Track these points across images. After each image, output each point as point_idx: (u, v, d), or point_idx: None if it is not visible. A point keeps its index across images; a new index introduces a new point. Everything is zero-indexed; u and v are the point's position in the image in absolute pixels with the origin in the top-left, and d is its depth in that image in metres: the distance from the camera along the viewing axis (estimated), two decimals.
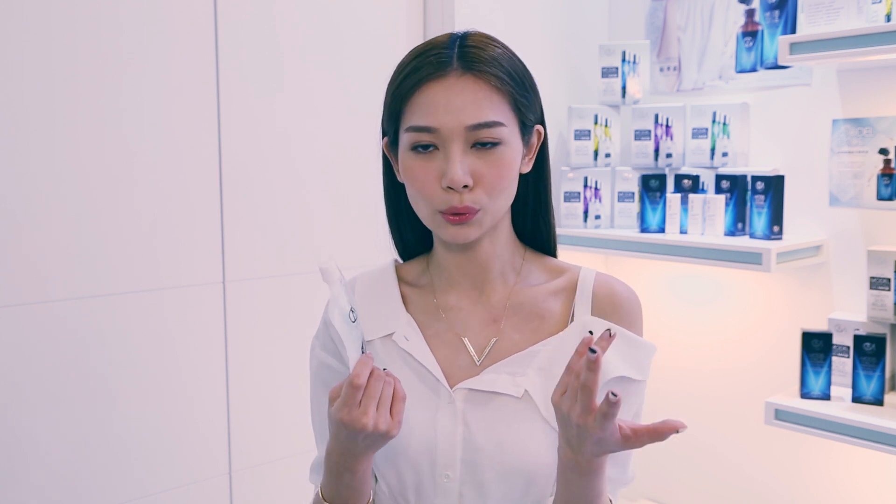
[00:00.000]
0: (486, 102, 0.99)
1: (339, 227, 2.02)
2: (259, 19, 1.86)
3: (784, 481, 2.19)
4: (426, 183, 1.00)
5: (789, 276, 2.14)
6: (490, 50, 1.01)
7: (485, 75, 0.99)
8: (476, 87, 0.99)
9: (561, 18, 2.44)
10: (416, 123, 1.00)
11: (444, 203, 0.99)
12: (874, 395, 1.86)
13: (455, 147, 0.98)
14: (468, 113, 0.98)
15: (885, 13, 1.75)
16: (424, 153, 1.00)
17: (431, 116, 0.98)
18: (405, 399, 0.98)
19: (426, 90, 0.99)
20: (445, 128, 0.98)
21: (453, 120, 0.98)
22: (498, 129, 0.99)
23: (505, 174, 1.01)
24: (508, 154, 1.01)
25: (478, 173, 0.99)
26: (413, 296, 1.13)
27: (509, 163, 1.01)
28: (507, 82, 1.01)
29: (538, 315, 1.08)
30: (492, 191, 1.00)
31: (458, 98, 0.98)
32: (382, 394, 0.96)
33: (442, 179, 0.99)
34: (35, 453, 1.60)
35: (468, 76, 0.99)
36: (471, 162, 0.99)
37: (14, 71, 1.53)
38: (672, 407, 2.38)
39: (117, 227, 1.68)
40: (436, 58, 1.00)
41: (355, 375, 0.94)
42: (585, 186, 2.35)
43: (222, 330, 1.85)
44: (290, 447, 1.96)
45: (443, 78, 0.99)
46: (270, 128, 1.89)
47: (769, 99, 2.17)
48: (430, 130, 0.99)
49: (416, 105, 1.00)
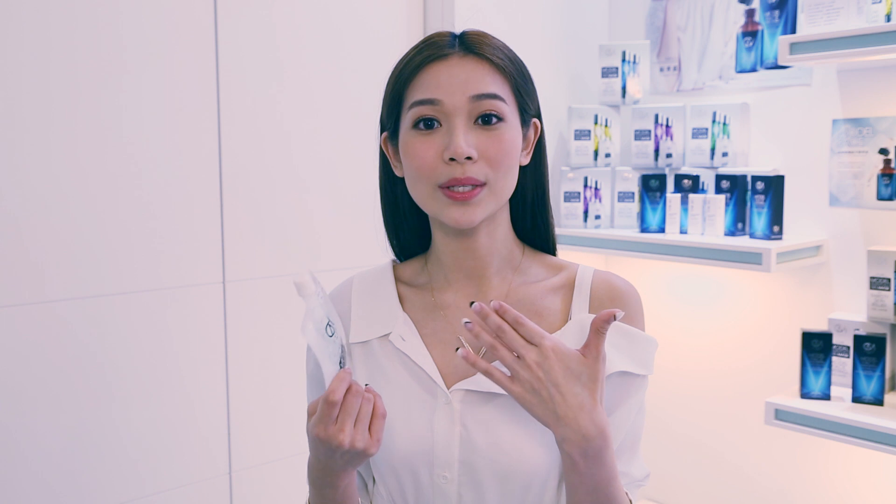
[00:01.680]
0: (488, 77, 1.01)
1: (339, 227, 2.02)
2: (259, 19, 1.86)
3: (784, 481, 2.19)
4: (427, 158, 1.00)
5: (789, 276, 2.14)
6: (490, 39, 1.05)
7: (486, 55, 1.02)
8: (478, 64, 1.02)
9: (561, 18, 2.44)
10: (419, 97, 1.01)
11: (447, 175, 1.00)
12: (874, 395, 1.86)
13: (458, 121, 1.00)
14: (471, 84, 1.00)
15: (885, 13, 1.75)
16: (427, 130, 1.01)
17: (434, 89, 1.00)
18: (385, 416, 0.97)
19: (429, 69, 1.02)
20: (448, 100, 1.00)
21: (456, 90, 1.00)
22: (500, 102, 1.01)
23: (507, 150, 1.02)
24: (510, 132, 1.02)
25: (481, 148, 1.00)
26: (410, 295, 1.13)
27: (511, 141, 1.02)
28: (508, 65, 1.03)
29: (536, 313, 1.08)
30: (495, 165, 1.01)
31: (461, 72, 1.01)
32: (361, 410, 0.94)
33: (444, 153, 0.99)
34: (35, 453, 1.60)
35: (470, 56, 1.02)
36: (474, 136, 1.00)
37: (14, 71, 1.53)
38: (672, 407, 2.38)
39: (117, 227, 1.68)
40: (437, 44, 1.03)
41: (331, 391, 0.93)
42: (585, 186, 2.35)
43: (222, 330, 1.85)
44: (290, 447, 1.96)
45: (445, 58, 1.02)
46: (270, 128, 1.89)
47: (769, 99, 2.17)
48: (433, 103, 1.00)
49: (418, 83, 1.02)
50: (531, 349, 0.94)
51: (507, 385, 0.95)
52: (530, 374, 0.94)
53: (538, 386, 0.94)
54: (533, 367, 0.93)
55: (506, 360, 0.95)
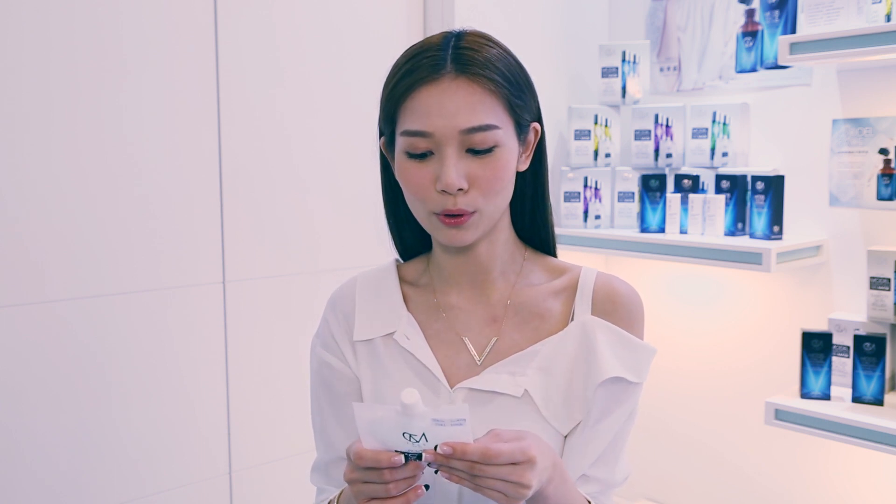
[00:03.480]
0: (479, 106, 0.98)
1: (339, 227, 2.02)
2: (259, 19, 1.86)
3: (784, 481, 2.19)
4: (421, 186, 1.00)
5: (789, 276, 2.14)
6: (484, 51, 1.01)
7: (478, 78, 0.99)
8: (470, 91, 0.98)
9: (561, 18, 2.44)
10: (410, 128, 0.99)
11: (439, 205, 1.00)
12: (874, 395, 1.86)
13: (449, 151, 0.98)
14: (462, 117, 0.98)
15: (885, 13, 1.75)
16: (420, 158, 1.00)
17: (425, 120, 0.98)
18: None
19: (420, 94, 0.99)
20: (439, 132, 0.98)
21: (447, 124, 0.98)
22: (492, 132, 0.99)
23: (500, 176, 1.00)
24: (504, 156, 1.01)
25: (473, 176, 0.99)
26: (414, 295, 1.13)
27: (504, 165, 1.01)
28: (502, 84, 1.00)
29: (539, 315, 1.08)
30: (487, 193, 1.00)
31: (451, 102, 0.98)
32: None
33: (437, 183, 0.99)
34: (35, 453, 1.60)
35: (462, 79, 0.98)
36: (465, 165, 0.99)
37: (13, 71, 1.53)
38: (672, 407, 2.38)
39: (117, 227, 1.68)
40: (430, 60, 0.99)
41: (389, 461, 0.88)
42: (585, 186, 2.35)
43: (222, 330, 1.85)
44: (290, 447, 1.96)
45: (436, 81, 0.98)
46: (270, 128, 1.89)
47: (769, 99, 2.17)
48: (424, 135, 0.99)
49: (410, 109, 1.00)
50: (524, 470, 0.88)
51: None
52: (531, 490, 0.89)
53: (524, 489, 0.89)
54: (532, 484, 0.88)
55: (497, 489, 0.88)
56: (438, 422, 0.86)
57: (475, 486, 0.89)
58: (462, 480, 0.89)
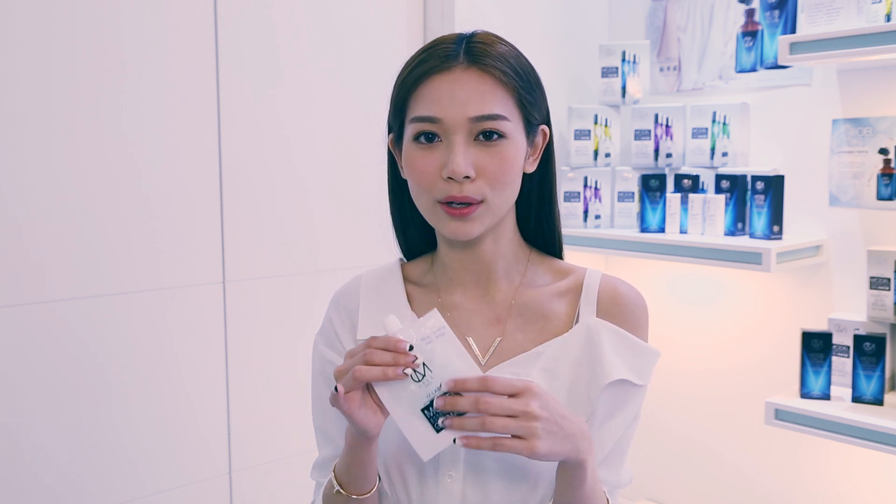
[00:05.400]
0: (490, 95, 0.99)
1: (339, 227, 2.02)
2: (259, 19, 1.86)
3: (784, 481, 2.19)
4: (427, 173, 1.00)
5: (789, 276, 2.14)
6: (496, 47, 1.02)
7: (490, 69, 1.00)
8: (481, 80, 1.00)
9: (561, 18, 2.44)
10: (419, 114, 1.00)
11: (444, 192, 1.00)
12: (874, 395, 1.86)
13: (458, 138, 0.99)
14: (472, 105, 0.99)
15: (885, 13, 1.75)
16: (428, 144, 1.00)
17: (435, 106, 0.99)
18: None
19: (431, 82, 1.00)
20: (449, 118, 0.99)
21: (457, 111, 0.98)
22: (501, 122, 1.00)
23: (507, 168, 1.01)
24: (511, 149, 1.01)
25: (480, 165, 0.99)
26: (418, 295, 1.13)
27: (512, 157, 1.01)
28: (513, 77, 1.01)
29: (543, 316, 1.08)
30: (494, 183, 1.00)
31: (462, 90, 0.99)
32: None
33: (444, 170, 0.99)
34: (35, 453, 1.60)
35: (473, 69, 1.00)
36: (474, 153, 0.99)
37: (13, 71, 1.53)
38: (672, 407, 2.38)
39: (117, 227, 1.68)
40: (442, 51, 1.01)
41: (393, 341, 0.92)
42: (585, 186, 2.35)
43: (222, 330, 1.85)
44: (290, 447, 1.96)
45: (448, 71, 1.00)
46: (270, 128, 1.89)
47: (769, 99, 2.17)
48: (433, 120, 0.99)
49: (420, 96, 1.01)
50: (527, 398, 0.90)
51: (527, 448, 0.89)
52: (541, 422, 0.90)
53: (552, 427, 0.90)
54: (538, 414, 0.90)
55: (508, 426, 0.89)
56: (426, 339, 0.92)
57: (489, 440, 0.89)
58: (478, 440, 0.90)
